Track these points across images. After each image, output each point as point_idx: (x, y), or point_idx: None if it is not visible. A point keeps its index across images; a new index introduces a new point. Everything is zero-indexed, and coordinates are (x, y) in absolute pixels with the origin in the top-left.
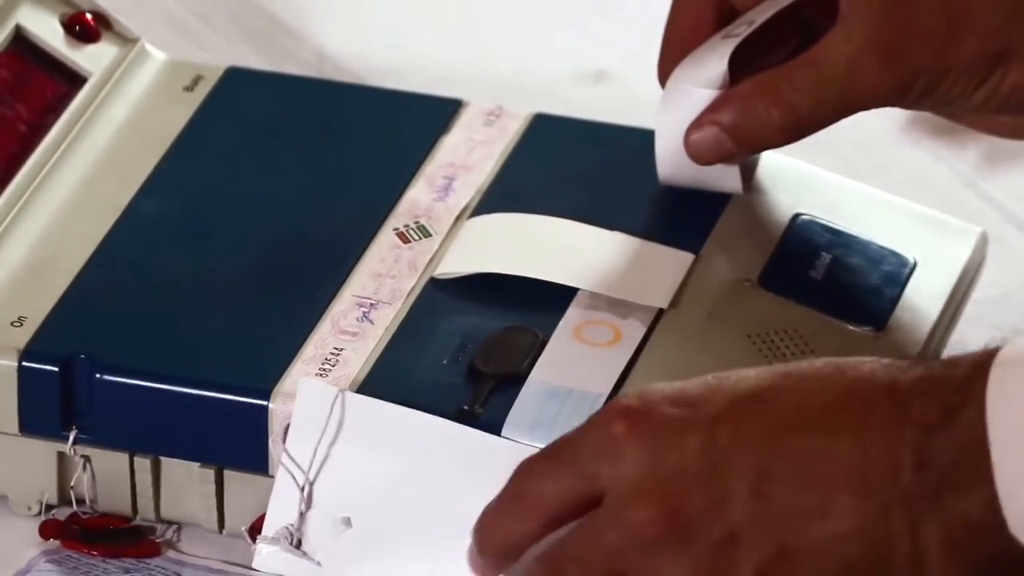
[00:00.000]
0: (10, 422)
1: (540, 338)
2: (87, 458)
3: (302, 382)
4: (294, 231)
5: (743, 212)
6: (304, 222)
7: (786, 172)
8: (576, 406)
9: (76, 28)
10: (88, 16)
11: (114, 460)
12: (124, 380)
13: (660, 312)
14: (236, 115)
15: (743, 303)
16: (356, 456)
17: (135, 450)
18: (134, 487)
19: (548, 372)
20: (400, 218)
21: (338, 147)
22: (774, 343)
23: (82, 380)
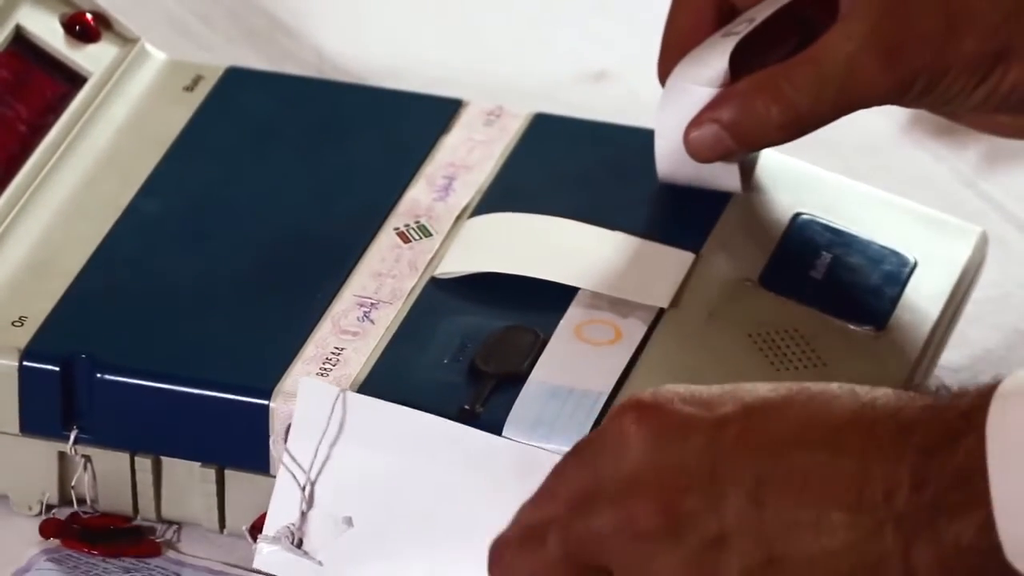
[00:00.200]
0: (11, 422)
1: (541, 338)
2: (88, 458)
3: (303, 382)
4: (294, 231)
5: (744, 212)
6: (304, 222)
7: (786, 172)
8: (577, 405)
9: (76, 28)
10: (88, 16)
11: (115, 460)
12: (125, 380)
13: (661, 311)
14: (236, 115)
15: (744, 302)
16: (357, 456)
17: (136, 450)
18: (135, 487)
19: (549, 371)
20: (400, 218)
21: (338, 147)
22: (775, 342)
23: (83, 380)
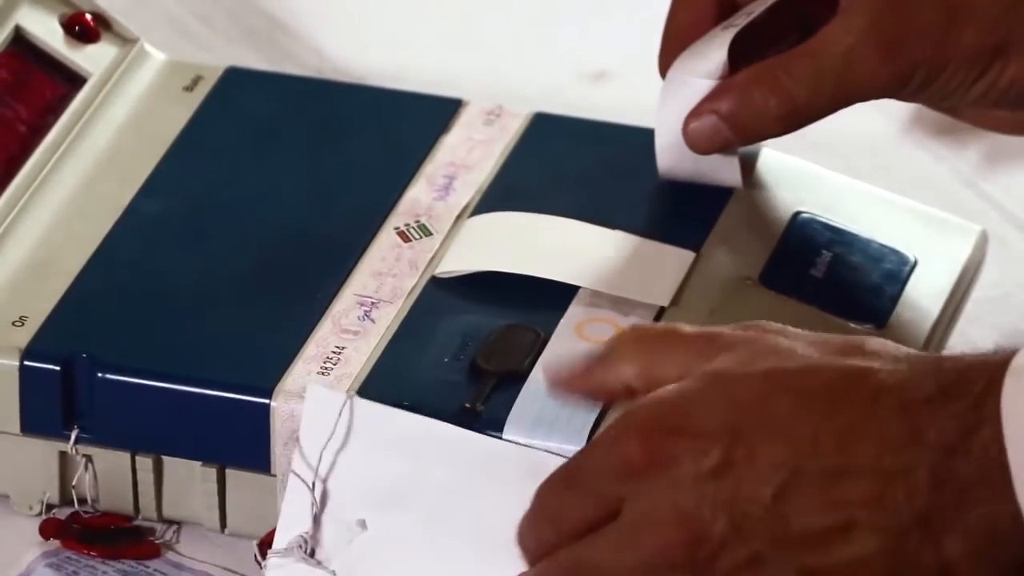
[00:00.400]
0: (11, 421)
1: (541, 336)
2: (89, 457)
3: (310, 388)
4: (295, 230)
5: (744, 210)
6: (305, 221)
7: (787, 170)
8: (577, 404)
9: (76, 28)
10: (88, 16)
11: (116, 459)
12: (125, 379)
13: (661, 310)
14: (236, 115)
15: (744, 301)
16: (366, 461)
17: (137, 449)
18: (136, 486)
19: None
20: (401, 217)
21: (338, 147)
22: None
23: (83, 379)
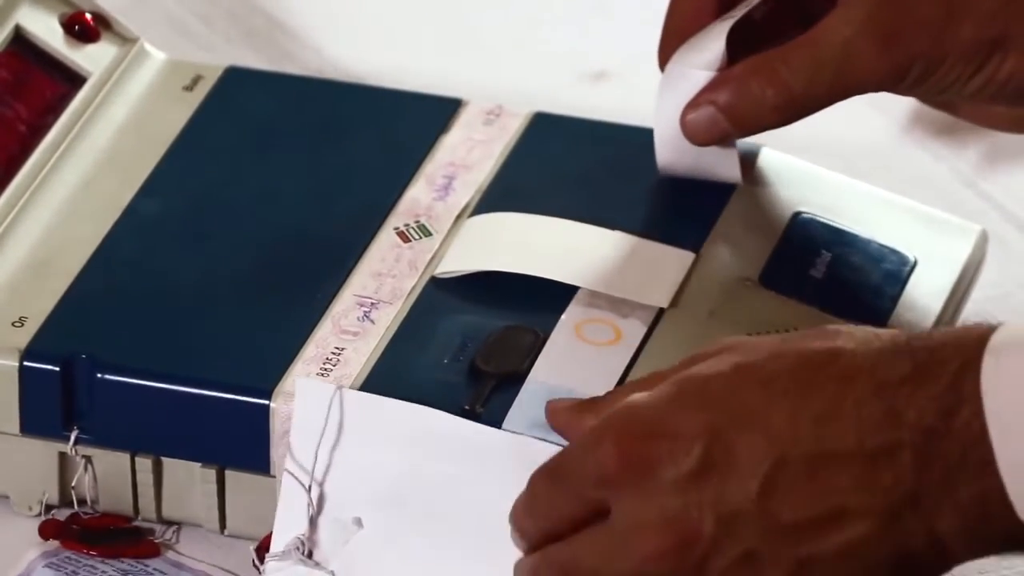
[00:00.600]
0: (11, 422)
1: (541, 337)
2: (88, 458)
3: (299, 382)
4: (294, 231)
5: (744, 210)
6: (304, 222)
7: (787, 170)
8: None
9: (76, 28)
10: (87, 16)
11: (115, 460)
12: (125, 380)
13: (661, 311)
14: (236, 115)
15: (744, 302)
16: (359, 454)
17: (136, 450)
18: (135, 487)
19: (548, 371)
20: (400, 217)
21: (338, 147)
22: None
23: (83, 380)
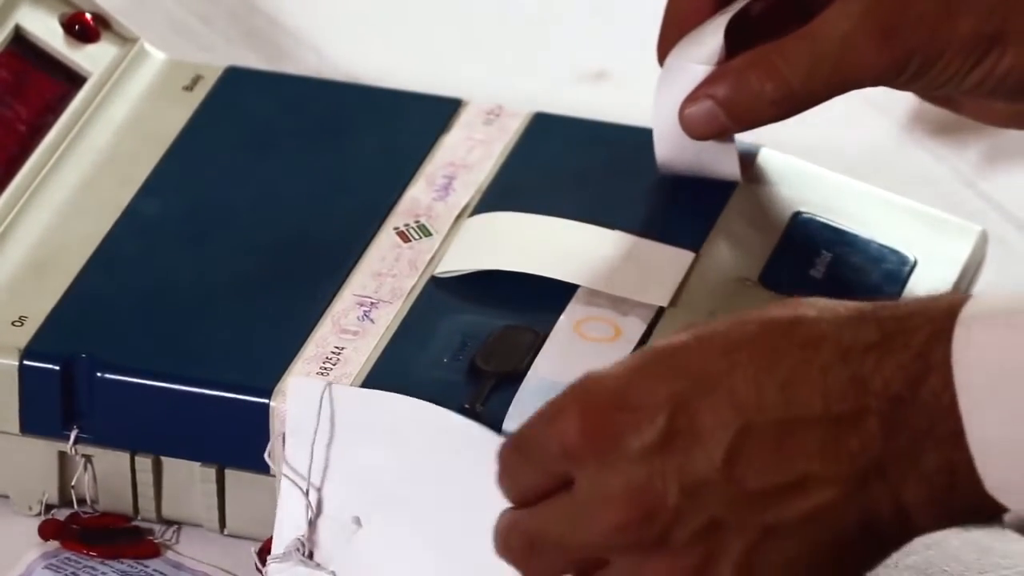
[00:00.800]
0: (11, 422)
1: (540, 336)
2: (88, 458)
3: (291, 381)
4: (294, 230)
5: (744, 210)
6: (304, 221)
7: (787, 170)
8: None
9: (75, 28)
10: (87, 16)
11: (115, 460)
12: (125, 379)
13: (661, 310)
14: (236, 115)
15: (744, 302)
16: (353, 451)
17: (136, 449)
18: (135, 487)
19: (548, 368)
20: (400, 217)
21: (338, 147)
22: None
23: (83, 379)
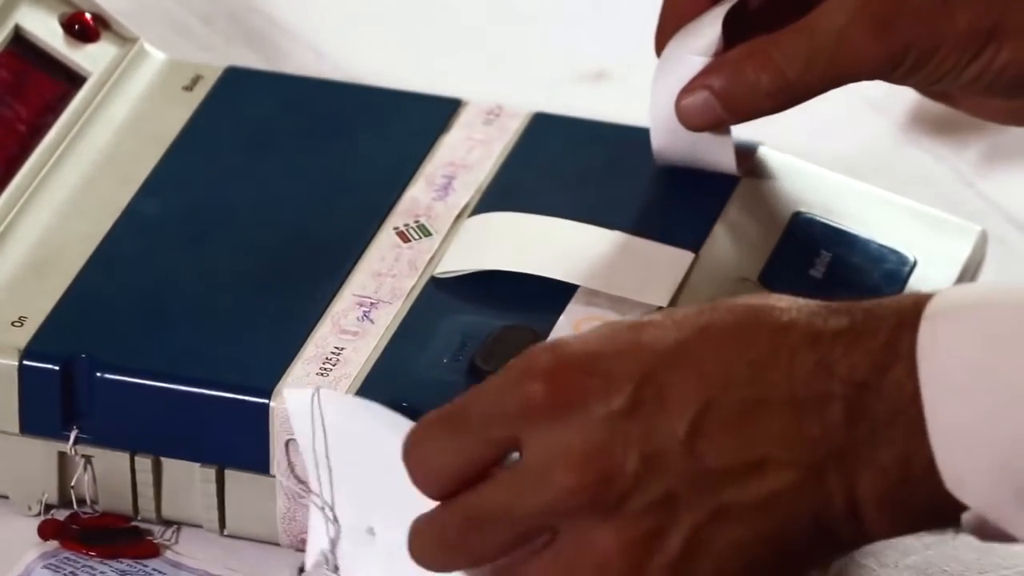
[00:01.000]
0: (11, 422)
1: (540, 336)
2: (88, 458)
3: (285, 393)
4: (294, 230)
5: (743, 210)
6: (304, 222)
7: (787, 170)
8: None
9: (75, 28)
10: (87, 16)
11: (115, 460)
12: (125, 379)
13: (660, 311)
14: (236, 115)
15: None
16: (352, 458)
17: (136, 450)
18: (135, 487)
19: None
20: (400, 217)
21: (338, 147)
22: None
23: (83, 379)
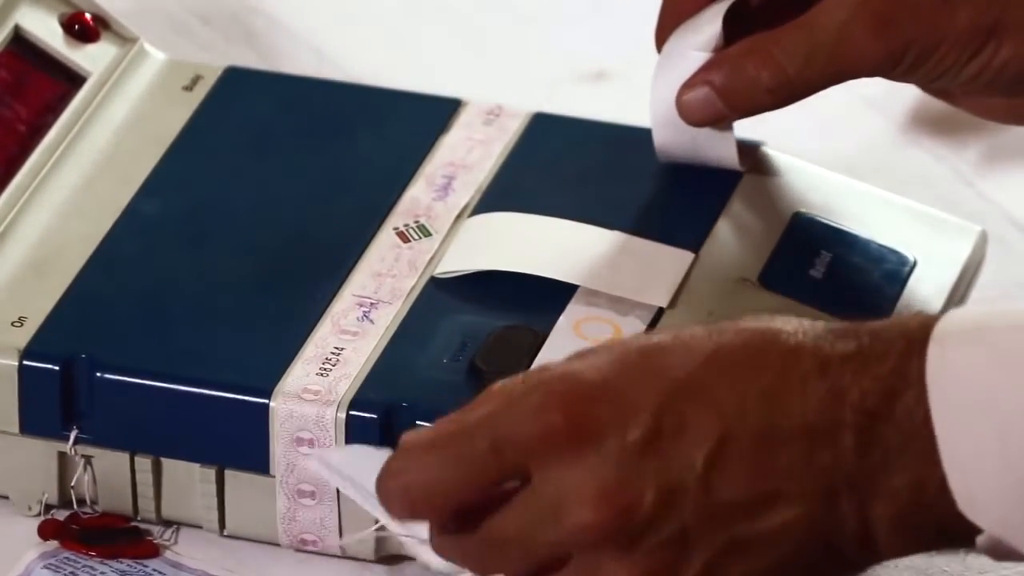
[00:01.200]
0: (11, 422)
1: (540, 336)
2: (88, 458)
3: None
4: (294, 231)
5: (743, 210)
6: (304, 222)
7: (787, 170)
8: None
9: (75, 28)
10: (87, 16)
11: (115, 460)
12: (125, 379)
13: (660, 311)
14: (236, 115)
15: (743, 302)
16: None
17: (136, 450)
18: (135, 487)
19: None
20: (400, 217)
21: (338, 147)
22: None
23: (83, 380)
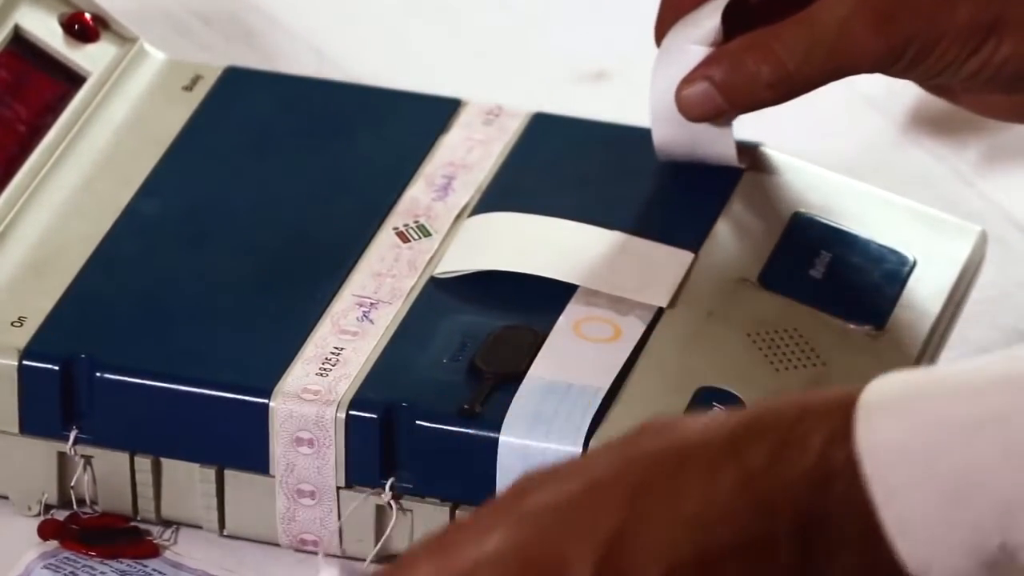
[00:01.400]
0: (10, 422)
1: (540, 336)
2: (87, 458)
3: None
4: (294, 231)
5: (743, 210)
6: (304, 222)
7: (787, 170)
8: (575, 401)
9: (75, 28)
10: (87, 16)
11: (115, 460)
12: (125, 379)
13: (660, 311)
14: (235, 115)
15: (743, 302)
16: None
17: (135, 450)
18: (135, 487)
19: (547, 367)
20: (400, 217)
21: (338, 147)
22: (774, 342)
23: (82, 380)
